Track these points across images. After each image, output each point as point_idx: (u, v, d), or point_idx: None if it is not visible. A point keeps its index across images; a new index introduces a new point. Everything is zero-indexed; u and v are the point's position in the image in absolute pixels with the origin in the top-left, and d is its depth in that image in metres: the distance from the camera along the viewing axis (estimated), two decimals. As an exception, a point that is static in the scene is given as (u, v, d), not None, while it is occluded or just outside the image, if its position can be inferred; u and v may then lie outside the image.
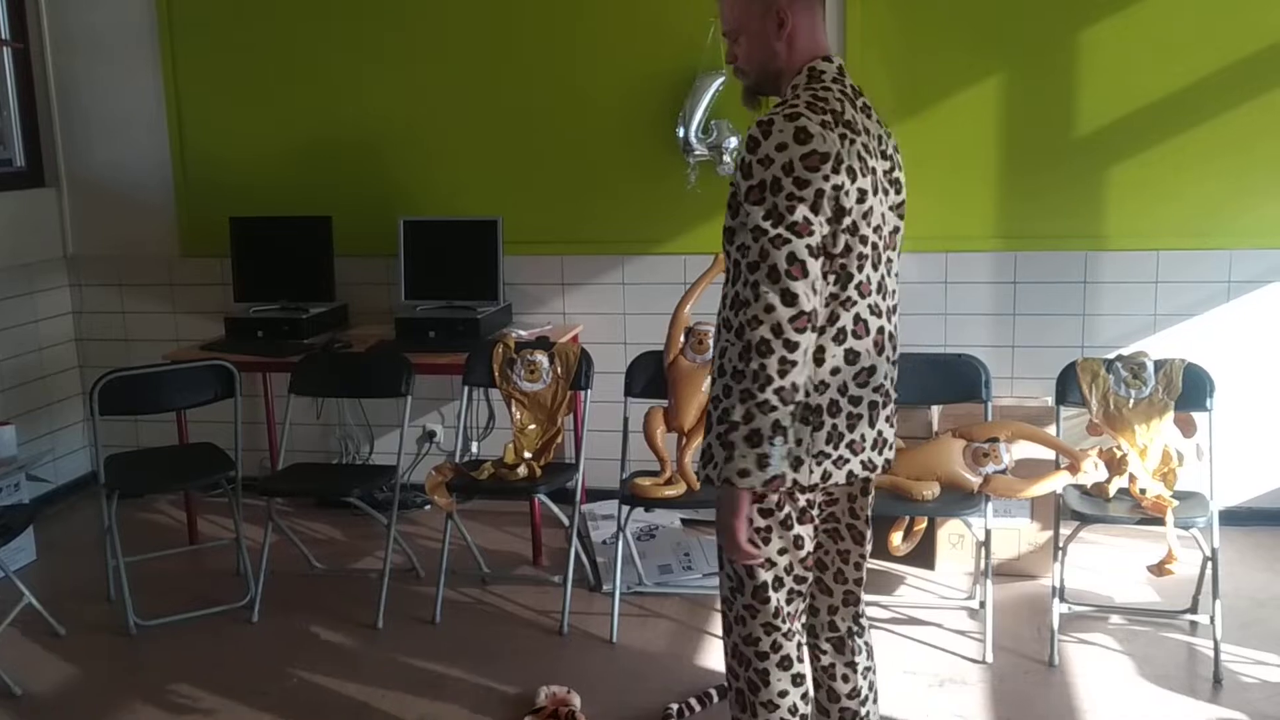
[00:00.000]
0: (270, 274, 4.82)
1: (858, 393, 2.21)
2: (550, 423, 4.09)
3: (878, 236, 2.18)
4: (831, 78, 2.18)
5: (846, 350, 2.18)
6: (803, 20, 2.20)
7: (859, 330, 2.18)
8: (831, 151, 2.04)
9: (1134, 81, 4.26)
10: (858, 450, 2.23)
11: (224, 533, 4.66)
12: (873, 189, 2.14)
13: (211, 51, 4.92)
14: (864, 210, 2.12)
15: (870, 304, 2.19)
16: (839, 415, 2.19)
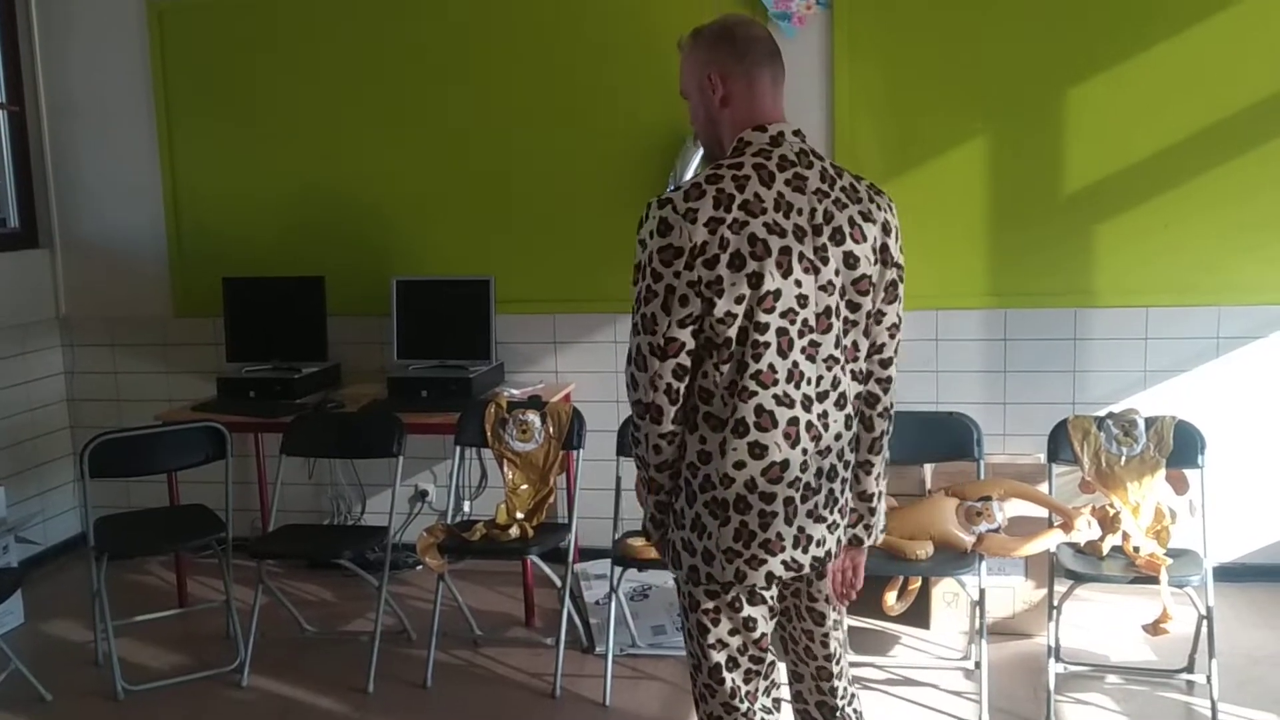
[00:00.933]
0: (263, 334, 4.83)
1: (769, 489, 2.11)
2: (542, 482, 4.08)
3: (787, 320, 2.07)
4: (758, 149, 2.11)
5: (750, 444, 2.09)
6: (738, 87, 2.16)
7: (763, 423, 2.08)
8: (687, 246, 2.02)
9: (1121, 140, 4.30)
10: (774, 550, 2.13)
11: (214, 594, 4.63)
12: (781, 271, 2.05)
13: (206, 114, 4.96)
14: (760, 296, 2.04)
15: (776, 394, 2.08)
16: (748, 512, 2.11)
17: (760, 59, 2.18)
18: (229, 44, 4.90)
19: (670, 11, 4.50)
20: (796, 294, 2.08)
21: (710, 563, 2.16)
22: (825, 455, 2.16)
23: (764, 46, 2.19)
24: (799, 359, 2.10)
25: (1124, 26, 4.24)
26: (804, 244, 2.08)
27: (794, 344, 2.09)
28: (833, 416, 2.16)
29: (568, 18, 4.61)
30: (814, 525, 2.17)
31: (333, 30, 4.80)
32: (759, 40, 2.19)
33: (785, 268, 2.06)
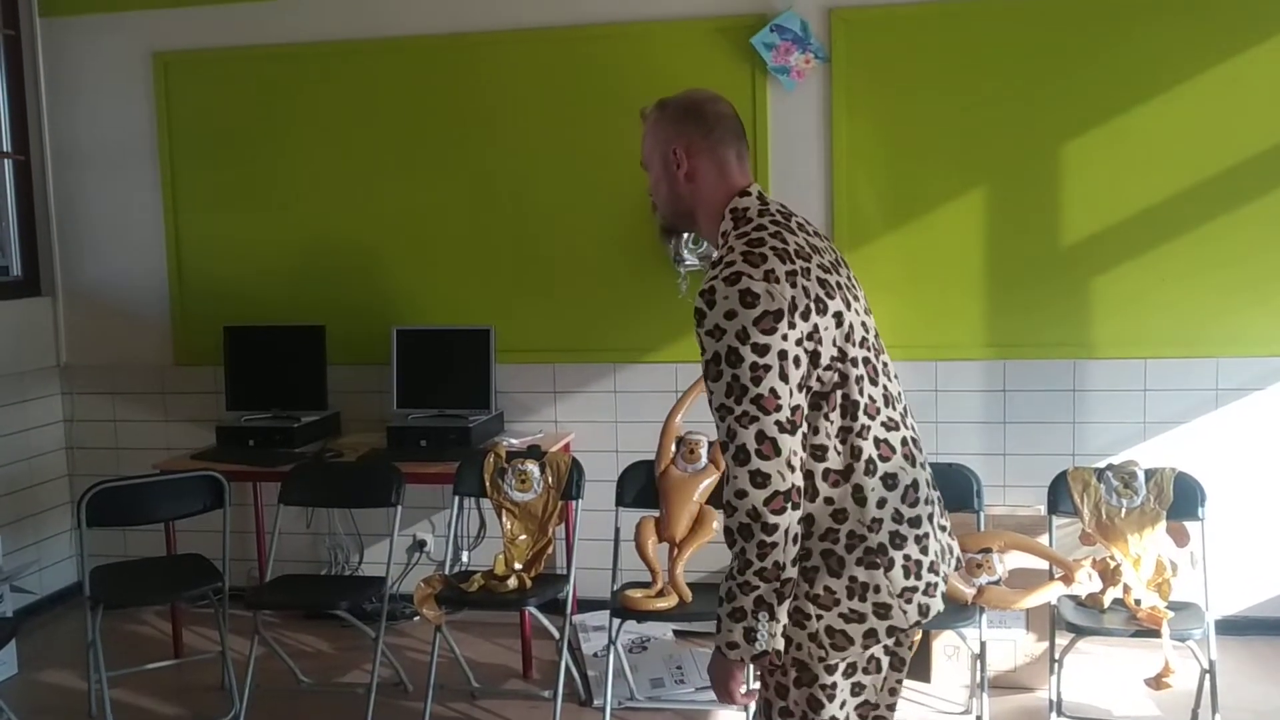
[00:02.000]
0: (263, 383, 4.83)
1: (913, 513, 2.06)
2: (541, 533, 4.07)
3: (865, 349, 2.07)
4: (756, 210, 2.09)
5: (883, 477, 2.04)
6: (703, 162, 2.13)
7: (885, 453, 2.05)
8: (784, 306, 1.93)
9: (1118, 193, 4.33)
10: (938, 569, 2.10)
11: (210, 645, 4.59)
12: (845, 305, 2.05)
13: (209, 165, 5.00)
14: (845, 332, 2.03)
15: (884, 420, 2.07)
16: (906, 544, 2.04)
17: (725, 136, 2.15)
18: (233, 94, 4.95)
19: (674, 65, 4.55)
20: (860, 321, 2.09)
21: (888, 614, 2.04)
22: (925, 468, 2.15)
23: (730, 124, 2.17)
24: (884, 381, 2.11)
25: (1119, 82, 4.28)
26: (840, 275, 2.11)
27: (876, 369, 2.10)
28: (916, 429, 2.17)
29: (571, 70, 4.66)
30: (948, 538, 2.18)
31: (336, 82, 4.85)
32: (725, 117, 2.17)
33: (845, 300, 2.07)
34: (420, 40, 4.76)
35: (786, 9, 4.41)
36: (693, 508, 3.87)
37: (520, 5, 4.67)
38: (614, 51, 4.61)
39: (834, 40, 4.44)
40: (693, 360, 4.38)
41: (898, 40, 4.41)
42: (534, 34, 4.67)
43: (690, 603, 3.78)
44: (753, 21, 4.46)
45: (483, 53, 4.72)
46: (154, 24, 4.98)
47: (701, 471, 3.91)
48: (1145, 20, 4.25)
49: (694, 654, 4.28)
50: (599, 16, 4.61)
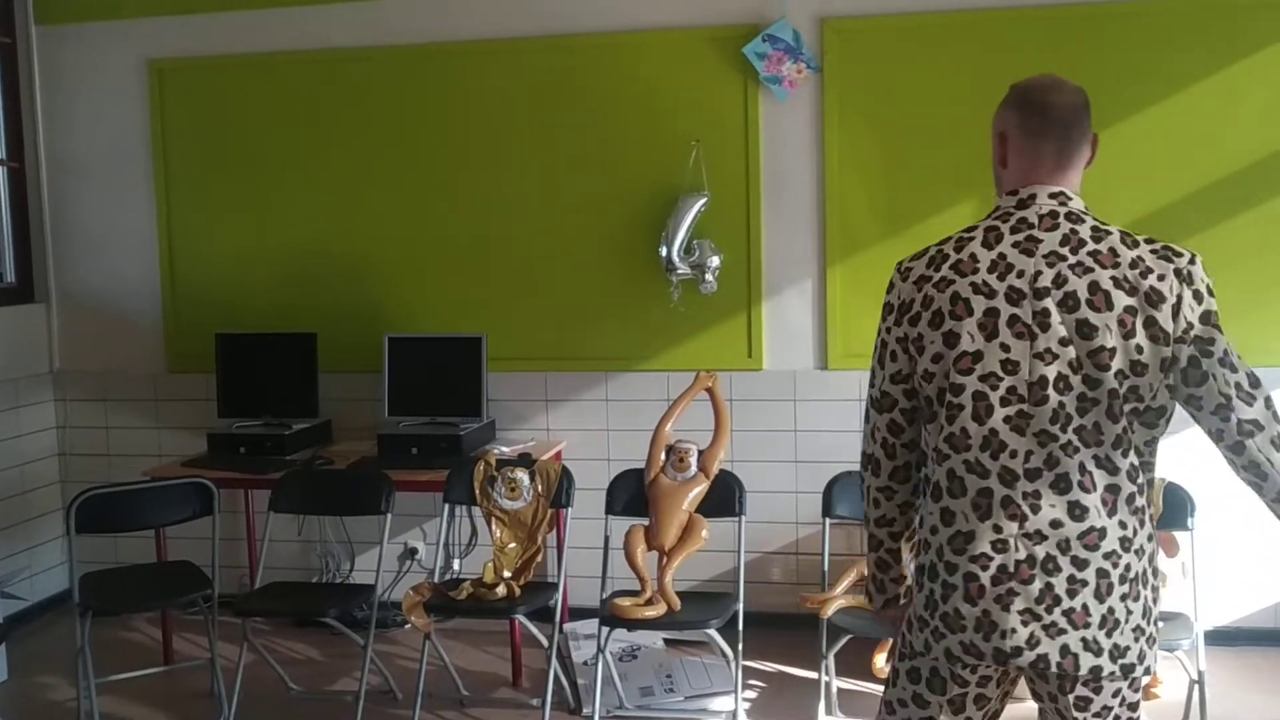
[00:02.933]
0: (255, 390, 4.84)
1: (953, 559, 2.01)
2: (530, 541, 4.07)
3: (989, 385, 1.98)
4: (1002, 212, 2.11)
5: (942, 509, 2.03)
6: (1013, 150, 2.16)
7: (954, 488, 2.01)
8: (896, 303, 2.13)
9: (1111, 202, 4.31)
10: (954, 627, 2.01)
11: (200, 652, 4.58)
12: (985, 333, 1.99)
13: (202, 173, 5.01)
14: (955, 355, 2.01)
15: (968, 459, 2.00)
16: (936, 581, 2.04)
17: (1044, 127, 2.13)
18: (227, 102, 4.96)
19: (668, 74, 4.57)
20: (1002, 358, 1.98)
21: (910, 629, 2.13)
22: (1035, 541, 1.97)
23: (1056, 114, 2.14)
24: (999, 427, 1.98)
25: (1112, 91, 4.28)
26: (1019, 307, 1.99)
27: (994, 410, 1.98)
28: (1047, 499, 1.97)
29: (564, 79, 4.67)
30: (1003, 614, 1.98)
31: (330, 90, 4.86)
32: (1052, 107, 2.14)
33: (989, 330, 1.99)
34: (414, 49, 4.77)
35: (779, 19, 4.42)
36: (682, 516, 3.87)
37: (515, 14, 4.68)
38: (607, 61, 4.62)
39: (826, 50, 4.45)
40: (686, 369, 4.41)
41: (889, 50, 4.42)
42: (528, 43, 4.68)
43: (679, 611, 3.78)
44: (745, 31, 4.47)
45: (477, 62, 4.73)
46: (149, 32, 4.99)
47: (691, 480, 3.91)
48: (1135, 33, 4.25)
49: (683, 663, 4.28)
50: (592, 26, 4.62)
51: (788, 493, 4.61)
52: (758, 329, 4.61)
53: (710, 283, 4.52)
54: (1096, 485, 1.98)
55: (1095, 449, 1.98)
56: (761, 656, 4.36)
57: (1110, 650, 1.99)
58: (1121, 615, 2.00)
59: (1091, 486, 1.97)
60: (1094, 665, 1.99)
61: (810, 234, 4.54)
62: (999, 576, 1.98)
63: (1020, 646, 1.98)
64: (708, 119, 4.55)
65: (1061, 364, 1.97)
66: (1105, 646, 1.99)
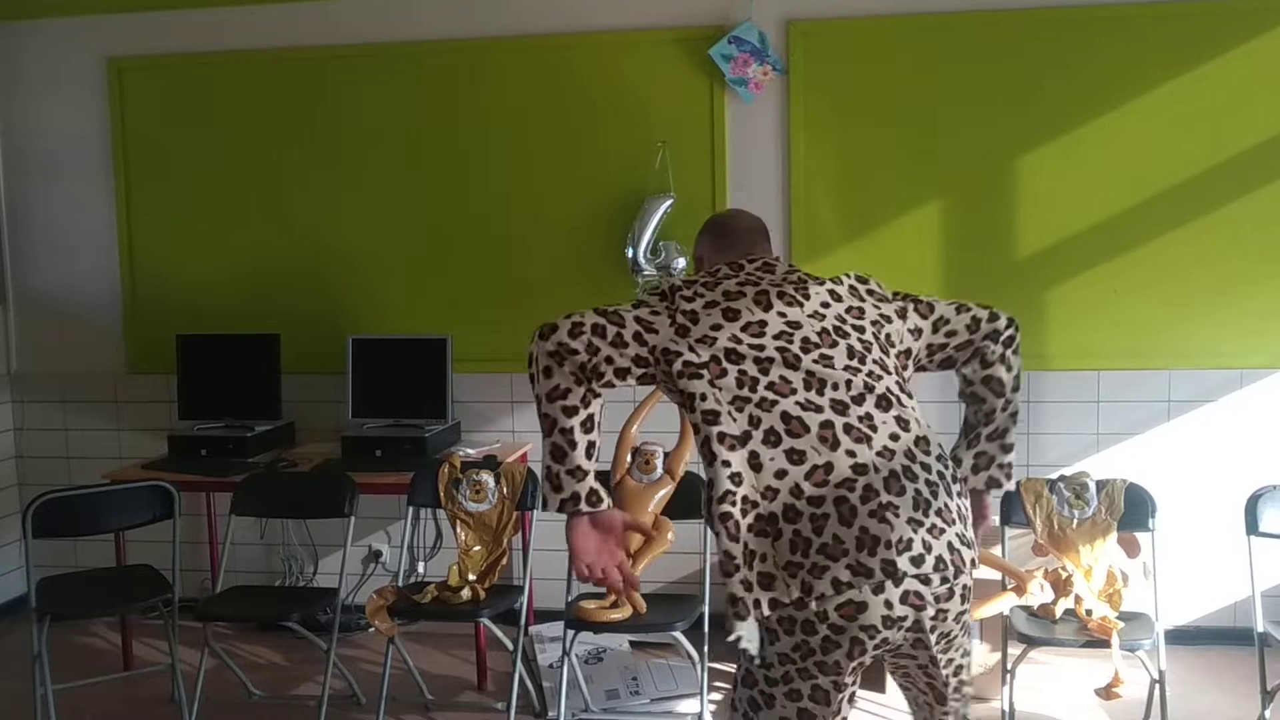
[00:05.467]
0: (216, 392, 4.79)
1: (817, 492, 2.11)
2: (496, 544, 4.05)
3: (785, 340, 2.23)
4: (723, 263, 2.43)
5: (786, 451, 2.14)
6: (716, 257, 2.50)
7: (793, 429, 2.15)
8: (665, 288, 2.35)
9: (1072, 208, 4.37)
10: (836, 554, 2.07)
11: (160, 657, 4.53)
12: (761, 307, 2.27)
13: (163, 172, 4.95)
14: (740, 325, 2.24)
15: (800, 400, 2.17)
16: (799, 520, 2.10)
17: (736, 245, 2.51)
18: (188, 101, 4.90)
19: (634, 75, 4.56)
20: (784, 322, 2.27)
21: (771, 585, 2.10)
22: (888, 457, 2.16)
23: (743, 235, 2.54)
24: (813, 367, 2.22)
25: (1072, 98, 4.32)
26: (781, 287, 2.33)
27: (801, 357, 2.23)
28: (879, 418, 2.19)
29: (530, 79, 4.65)
30: (882, 525, 2.09)
31: (292, 89, 4.82)
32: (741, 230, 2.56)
33: (764, 304, 2.29)
34: (376, 48, 4.74)
35: (744, 21, 4.43)
36: (648, 518, 3.86)
37: (478, 15, 4.66)
38: (573, 61, 4.61)
39: (792, 52, 4.45)
40: (650, 370, 4.39)
41: (855, 53, 4.43)
42: (492, 43, 4.66)
43: (645, 614, 3.77)
44: (711, 33, 4.47)
45: (441, 62, 4.70)
46: (108, 30, 4.93)
47: (657, 482, 3.90)
48: (1099, 37, 4.29)
49: (649, 665, 4.27)
50: (558, 27, 4.61)
51: (753, 494, 4.60)
52: (723, 331, 4.60)
53: (676, 284, 4.51)
54: (906, 402, 2.27)
55: (894, 376, 2.29)
56: (727, 658, 4.35)
57: (970, 542, 2.21)
58: (964, 510, 2.25)
59: (904, 403, 2.26)
60: (971, 556, 2.19)
61: (776, 235, 4.54)
62: (866, 495, 2.11)
63: (921, 555, 2.10)
64: (674, 120, 4.55)
65: (832, 318, 2.30)
66: (968, 539, 2.21)
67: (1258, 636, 3.52)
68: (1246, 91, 4.23)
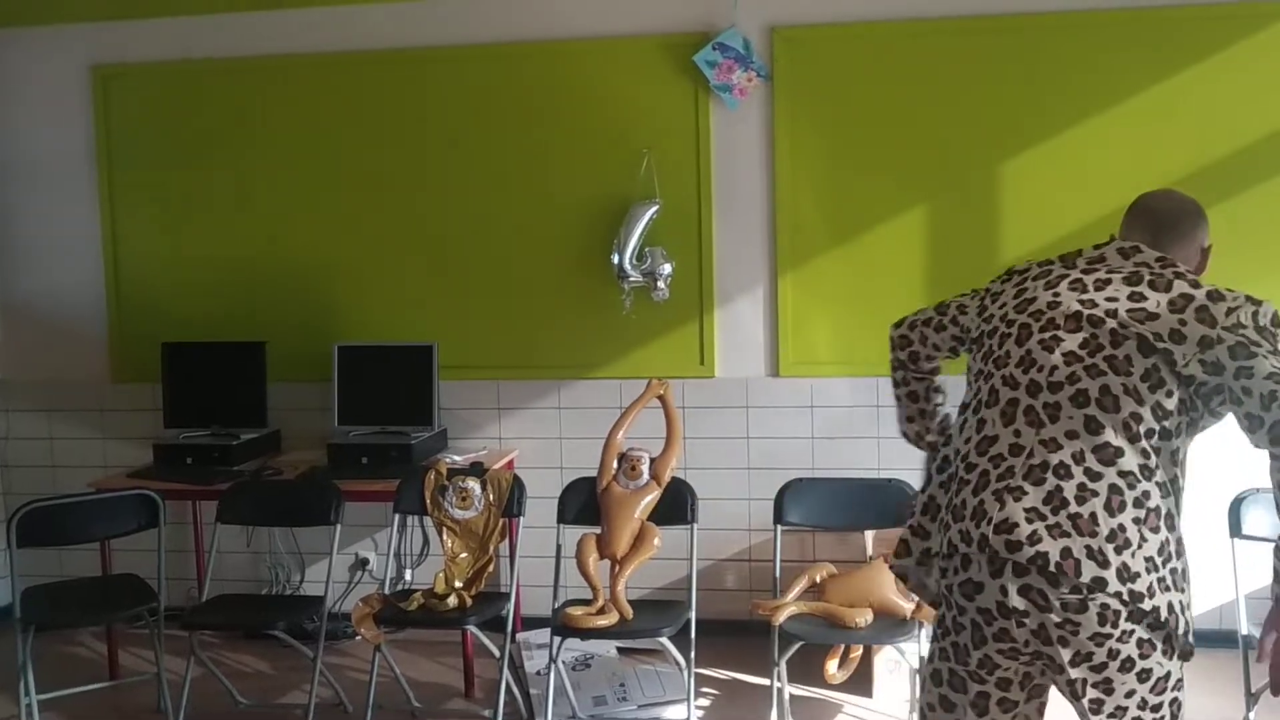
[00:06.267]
0: (202, 400, 4.78)
1: (975, 460, 2.21)
2: (482, 550, 4.04)
3: (1034, 319, 2.26)
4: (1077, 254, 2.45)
5: (978, 420, 2.25)
6: None
7: (989, 400, 2.25)
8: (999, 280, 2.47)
9: (1053, 210, 4.38)
10: (958, 516, 2.18)
11: (146, 666, 4.51)
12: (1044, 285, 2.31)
13: (148, 181, 4.95)
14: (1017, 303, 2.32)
15: (1005, 374, 2.24)
16: (954, 481, 2.25)
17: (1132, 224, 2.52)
18: (173, 108, 4.90)
19: (618, 82, 4.57)
20: (1049, 299, 2.29)
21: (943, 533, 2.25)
22: (1051, 448, 2.13)
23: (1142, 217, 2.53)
24: (1034, 348, 2.24)
25: (1056, 103, 4.34)
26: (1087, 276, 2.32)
27: (1032, 334, 2.26)
28: (1066, 411, 2.16)
29: (515, 86, 4.65)
30: (995, 504, 2.12)
31: (277, 97, 4.82)
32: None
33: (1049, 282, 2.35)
34: (363, 55, 4.74)
35: (729, 27, 4.44)
36: (634, 525, 3.87)
37: (465, 21, 4.67)
38: (558, 69, 4.61)
39: (776, 58, 4.47)
40: (639, 376, 4.40)
41: (839, 58, 4.45)
42: (478, 50, 4.66)
43: (631, 620, 3.77)
44: (695, 39, 4.48)
45: (427, 69, 4.71)
46: (93, 37, 4.92)
47: (643, 488, 3.91)
48: (1081, 43, 4.31)
49: (637, 671, 4.27)
50: (543, 34, 4.62)
51: (740, 499, 4.61)
52: (710, 336, 4.61)
53: (662, 290, 4.52)
54: (1120, 408, 2.13)
55: (1124, 378, 2.15)
56: (714, 664, 4.36)
57: (1119, 569, 2.04)
58: (1134, 537, 2.07)
59: (1114, 408, 2.13)
60: (1097, 575, 2.03)
61: (761, 241, 4.56)
62: (1004, 475, 2.14)
63: (1021, 541, 2.06)
64: (659, 127, 4.56)
65: (1101, 310, 2.22)
66: (1113, 562, 2.04)
67: (1242, 639, 3.54)
68: (1228, 97, 4.25)
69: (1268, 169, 4.26)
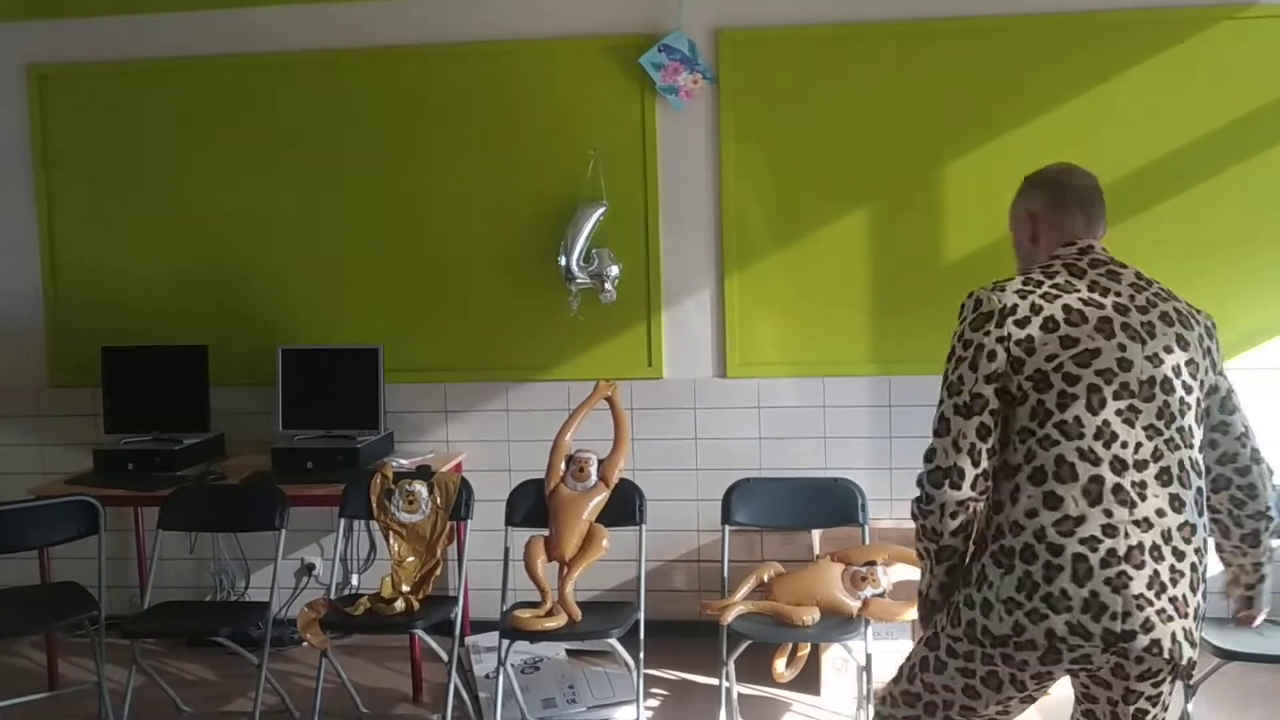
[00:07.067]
0: (143, 404, 4.71)
1: (1059, 541, 2.09)
2: (429, 554, 4.02)
3: (1104, 379, 2.13)
4: (1067, 258, 2.31)
5: (1045, 493, 2.11)
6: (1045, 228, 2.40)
7: (1062, 474, 2.11)
8: (996, 308, 2.20)
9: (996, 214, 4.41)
10: (1059, 608, 2.07)
11: (86, 676, 4.43)
12: (1103, 335, 2.16)
13: (86, 181, 4.87)
14: (1074, 354, 2.14)
15: (1081, 447, 2.11)
16: (1034, 563, 2.10)
17: (1074, 207, 2.41)
18: (111, 108, 4.82)
19: (565, 83, 4.57)
20: (1119, 356, 2.15)
21: (988, 614, 2.14)
22: (1144, 529, 2.10)
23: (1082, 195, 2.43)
24: (1111, 419, 2.12)
25: (995, 106, 4.40)
26: (1127, 316, 2.20)
27: (1106, 402, 2.13)
28: (1152, 489, 2.12)
29: (461, 87, 4.63)
30: (1113, 595, 2.07)
31: (217, 97, 4.76)
32: (1077, 189, 2.44)
33: (1106, 333, 2.17)
34: (306, 55, 4.70)
35: (674, 29, 4.45)
36: (582, 526, 3.86)
37: (408, 22, 4.64)
38: (504, 69, 4.60)
39: (721, 61, 4.49)
40: (587, 378, 4.41)
41: (784, 61, 4.47)
42: (423, 50, 4.64)
43: (580, 622, 3.77)
44: (641, 41, 4.48)
45: (371, 68, 4.67)
46: (29, 36, 4.83)
47: (591, 490, 3.91)
48: (1022, 47, 4.37)
49: (586, 673, 4.27)
50: (489, 34, 4.60)
51: (689, 500, 4.63)
52: (657, 338, 4.62)
53: (610, 292, 4.52)
54: (1191, 483, 2.17)
55: (1189, 451, 2.18)
56: (663, 665, 4.37)
57: (1197, 643, 2.16)
58: (1201, 610, 2.17)
59: (1188, 483, 2.16)
60: (1190, 658, 2.13)
61: (708, 243, 4.58)
62: (1108, 560, 2.08)
63: (1135, 630, 2.07)
64: (605, 128, 4.56)
65: (1166, 368, 2.17)
66: (1195, 640, 2.15)
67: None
68: (1165, 99, 4.33)
69: (1205, 169, 4.35)
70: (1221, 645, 3.42)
